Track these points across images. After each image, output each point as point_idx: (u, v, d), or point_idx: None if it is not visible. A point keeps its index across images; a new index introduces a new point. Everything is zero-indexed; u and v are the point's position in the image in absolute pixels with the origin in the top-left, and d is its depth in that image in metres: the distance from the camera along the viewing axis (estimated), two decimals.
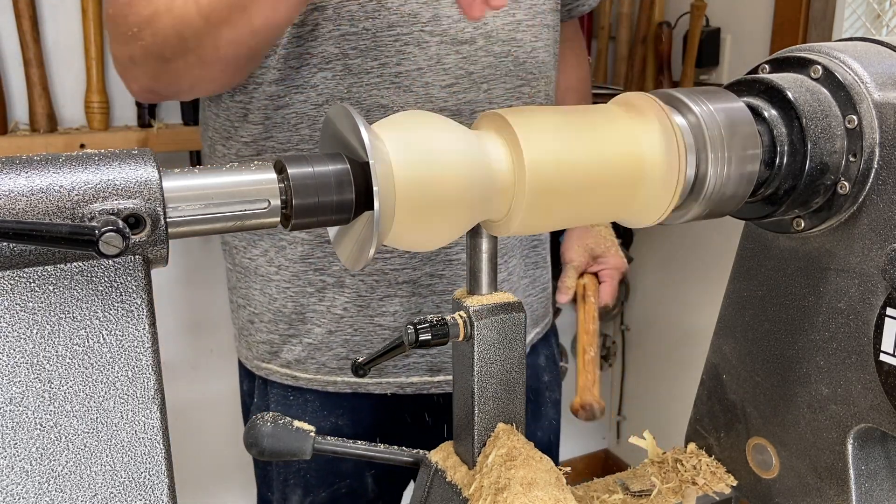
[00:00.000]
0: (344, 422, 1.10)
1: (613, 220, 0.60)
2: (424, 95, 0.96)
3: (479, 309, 0.64)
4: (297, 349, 1.09)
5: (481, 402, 0.66)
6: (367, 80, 0.95)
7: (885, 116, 0.56)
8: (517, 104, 1.04)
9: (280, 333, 1.10)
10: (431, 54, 0.95)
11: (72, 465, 0.46)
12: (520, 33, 1.01)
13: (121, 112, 1.63)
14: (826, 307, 0.61)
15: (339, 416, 1.10)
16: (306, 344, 1.08)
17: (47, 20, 1.55)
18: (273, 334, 1.10)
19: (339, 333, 1.06)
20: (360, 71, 0.95)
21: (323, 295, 1.05)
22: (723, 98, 0.58)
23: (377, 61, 0.94)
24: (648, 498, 0.71)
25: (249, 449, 0.72)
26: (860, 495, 0.61)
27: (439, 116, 0.55)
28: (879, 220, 0.56)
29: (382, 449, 0.75)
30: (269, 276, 1.07)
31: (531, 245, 1.18)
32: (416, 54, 0.95)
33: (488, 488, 0.62)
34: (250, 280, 1.11)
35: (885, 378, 0.56)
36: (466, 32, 0.97)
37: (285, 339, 1.09)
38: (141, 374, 0.47)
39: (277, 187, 0.49)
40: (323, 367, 1.09)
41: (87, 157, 0.45)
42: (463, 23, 0.96)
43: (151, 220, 0.45)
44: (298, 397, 1.11)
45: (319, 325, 1.07)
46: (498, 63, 0.99)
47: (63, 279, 0.45)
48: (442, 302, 1.05)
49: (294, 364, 1.10)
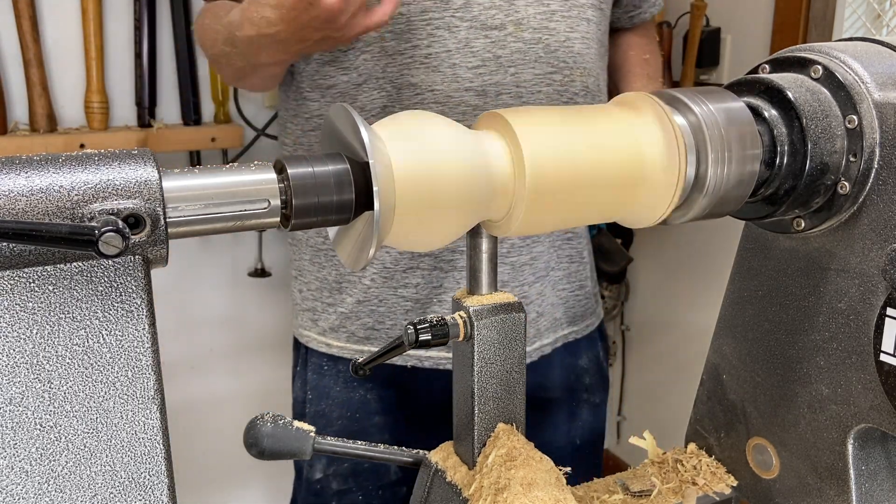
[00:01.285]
0: (372, 396, 1.19)
1: (614, 220, 0.60)
2: (452, 76, 1.03)
3: (479, 309, 0.64)
4: (332, 317, 1.19)
5: (481, 402, 0.66)
6: (399, 61, 1.03)
7: (886, 116, 0.56)
8: (547, 90, 1.08)
9: (322, 301, 1.20)
10: (461, 38, 1.02)
11: (72, 465, 0.46)
12: (553, 22, 1.05)
13: (120, 112, 1.63)
14: (826, 307, 0.61)
15: (368, 390, 1.19)
16: (339, 313, 1.17)
17: (47, 20, 1.55)
18: (316, 302, 1.21)
19: (367, 304, 1.15)
20: (394, 52, 1.03)
21: None
22: (723, 98, 0.58)
23: (409, 43, 1.03)
24: (648, 498, 0.71)
25: (249, 449, 0.72)
26: (860, 495, 0.61)
27: (440, 116, 0.55)
28: (880, 220, 0.56)
29: (382, 449, 0.75)
30: (318, 245, 1.17)
31: (565, 237, 1.19)
32: (446, 37, 1.02)
33: (488, 488, 0.62)
34: (302, 251, 1.22)
35: (885, 378, 0.56)
36: (496, 18, 1.03)
37: (325, 307, 1.19)
38: (141, 374, 0.47)
39: (277, 187, 0.49)
40: (352, 335, 1.17)
41: (87, 157, 0.45)
42: (494, 10, 1.03)
43: (151, 220, 0.45)
44: (332, 367, 1.19)
45: (351, 294, 1.15)
46: (527, 49, 1.04)
47: (63, 279, 0.45)
48: (462, 278, 1.09)
49: (328, 332, 1.19)
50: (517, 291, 1.13)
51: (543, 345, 1.19)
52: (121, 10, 1.59)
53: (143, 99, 1.63)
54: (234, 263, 1.83)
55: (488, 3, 1.02)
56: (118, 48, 1.61)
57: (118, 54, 1.61)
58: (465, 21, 1.02)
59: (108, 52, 1.60)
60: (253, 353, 1.91)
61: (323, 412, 1.20)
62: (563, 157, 0.54)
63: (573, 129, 0.56)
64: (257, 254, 1.82)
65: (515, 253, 1.12)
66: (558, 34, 1.06)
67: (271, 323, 1.91)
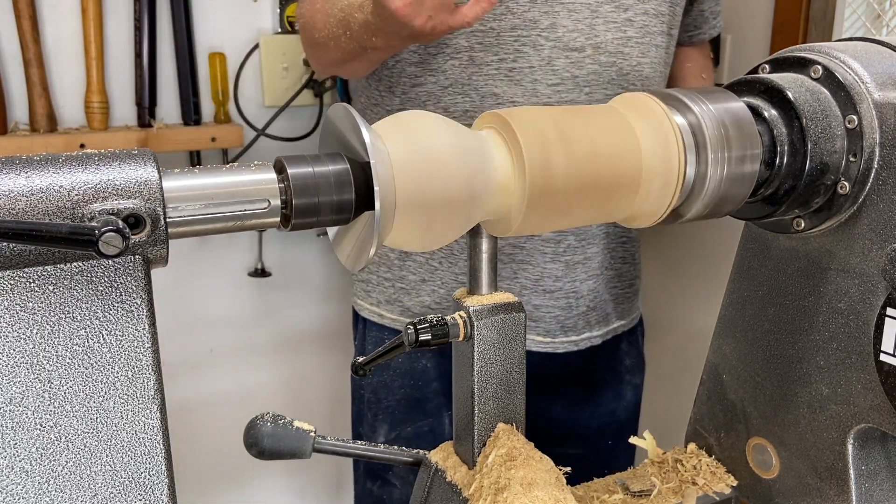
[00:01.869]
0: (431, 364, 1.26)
1: (614, 220, 0.60)
2: (532, 90, 1.10)
3: (479, 309, 0.64)
4: (388, 291, 1.26)
5: (481, 402, 0.66)
6: (485, 71, 1.11)
7: (886, 116, 0.56)
8: None
9: (378, 275, 1.27)
10: (544, 56, 1.10)
11: (72, 465, 0.46)
12: (628, 48, 1.13)
13: (120, 112, 1.63)
14: (826, 307, 0.61)
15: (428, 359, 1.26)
16: (398, 288, 1.25)
17: (47, 20, 1.55)
18: (372, 274, 1.28)
19: (430, 283, 1.22)
20: (481, 63, 1.11)
21: None
22: (723, 98, 0.58)
23: (497, 56, 1.10)
24: (648, 498, 0.71)
25: (249, 449, 0.72)
26: (860, 495, 0.61)
27: (440, 116, 0.55)
28: (879, 220, 0.56)
29: (382, 449, 0.75)
30: None
31: (619, 241, 1.27)
32: (531, 54, 1.09)
33: (488, 488, 0.62)
34: None
35: (885, 378, 0.56)
36: (578, 41, 1.10)
37: (381, 280, 1.27)
38: (141, 374, 0.47)
39: (277, 187, 0.49)
40: (407, 311, 1.25)
41: (87, 157, 0.45)
42: (576, 32, 1.10)
43: (151, 220, 0.45)
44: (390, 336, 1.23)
45: (415, 273, 1.23)
46: (602, 71, 1.12)
47: (63, 279, 0.45)
48: (520, 270, 1.18)
49: (383, 304, 1.27)
50: (568, 287, 1.20)
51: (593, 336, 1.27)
52: (121, 10, 1.59)
53: (143, 99, 1.63)
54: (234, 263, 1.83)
55: (572, 26, 1.09)
56: (118, 48, 1.61)
57: (118, 54, 1.61)
58: (549, 41, 1.09)
59: (108, 52, 1.60)
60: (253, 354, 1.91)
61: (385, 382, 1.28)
62: (563, 157, 0.54)
63: (573, 129, 0.56)
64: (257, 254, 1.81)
65: (570, 252, 1.20)
66: (631, 59, 1.13)
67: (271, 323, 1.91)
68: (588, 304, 1.25)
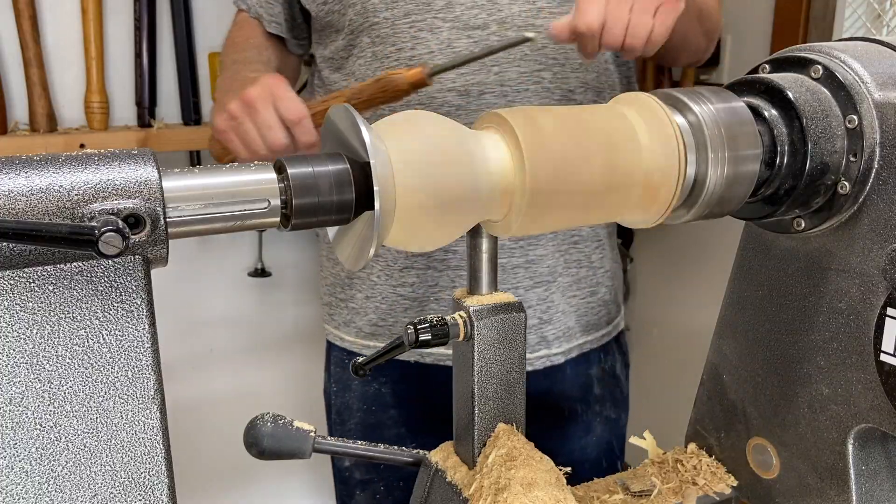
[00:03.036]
0: (386, 389, 1.21)
1: (614, 221, 0.60)
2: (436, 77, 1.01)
3: (479, 309, 0.64)
4: (343, 312, 1.22)
5: (481, 402, 0.66)
6: (387, 65, 1.05)
7: (886, 116, 0.56)
8: (535, 87, 1.06)
9: (335, 297, 1.24)
10: (443, 38, 1.03)
11: (72, 465, 0.46)
12: (540, 20, 1.04)
13: (120, 112, 1.63)
14: (826, 307, 0.61)
15: (382, 384, 1.21)
16: (350, 308, 1.21)
17: (47, 20, 1.55)
18: (331, 297, 1.25)
19: (373, 300, 1.17)
20: (382, 56, 1.05)
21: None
22: (723, 98, 0.58)
23: (395, 46, 1.04)
24: (648, 498, 0.71)
25: (249, 449, 0.72)
26: (860, 495, 0.61)
27: (440, 116, 0.55)
28: (880, 220, 0.56)
29: (382, 449, 0.75)
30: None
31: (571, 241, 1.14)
32: (429, 39, 1.03)
33: (488, 488, 0.62)
34: (322, 247, 1.28)
35: (885, 378, 0.56)
36: (479, 18, 1.02)
37: (338, 301, 1.23)
38: (141, 374, 0.47)
39: (277, 187, 0.49)
40: (360, 331, 1.20)
41: (87, 157, 0.45)
42: (476, 9, 1.02)
43: (151, 220, 0.45)
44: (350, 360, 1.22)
45: (360, 290, 1.18)
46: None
47: (63, 279, 0.45)
48: (457, 277, 1.12)
49: (342, 326, 1.23)
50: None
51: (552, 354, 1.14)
52: (121, 10, 1.59)
53: (143, 99, 1.63)
54: (234, 263, 1.83)
55: (470, 3, 1.02)
56: (118, 48, 1.61)
57: (118, 54, 1.61)
58: (447, 22, 1.02)
59: (108, 52, 1.60)
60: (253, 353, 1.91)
61: (347, 404, 1.25)
62: (564, 157, 0.54)
63: (573, 129, 0.56)
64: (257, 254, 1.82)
65: (506, 254, 1.09)
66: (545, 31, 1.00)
67: (271, 323, 1.91)
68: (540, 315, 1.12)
